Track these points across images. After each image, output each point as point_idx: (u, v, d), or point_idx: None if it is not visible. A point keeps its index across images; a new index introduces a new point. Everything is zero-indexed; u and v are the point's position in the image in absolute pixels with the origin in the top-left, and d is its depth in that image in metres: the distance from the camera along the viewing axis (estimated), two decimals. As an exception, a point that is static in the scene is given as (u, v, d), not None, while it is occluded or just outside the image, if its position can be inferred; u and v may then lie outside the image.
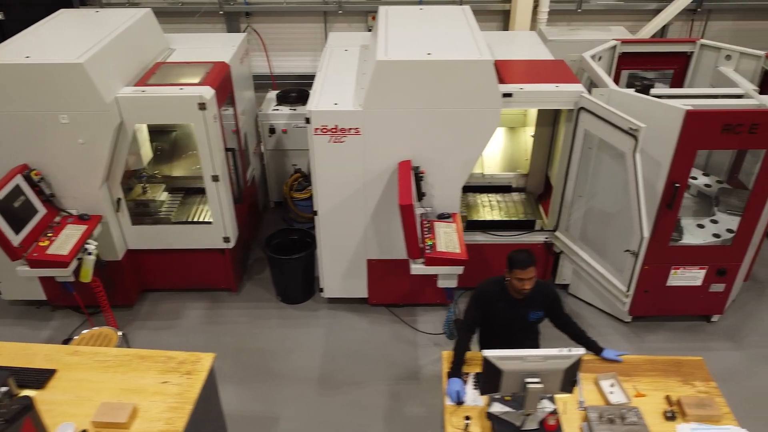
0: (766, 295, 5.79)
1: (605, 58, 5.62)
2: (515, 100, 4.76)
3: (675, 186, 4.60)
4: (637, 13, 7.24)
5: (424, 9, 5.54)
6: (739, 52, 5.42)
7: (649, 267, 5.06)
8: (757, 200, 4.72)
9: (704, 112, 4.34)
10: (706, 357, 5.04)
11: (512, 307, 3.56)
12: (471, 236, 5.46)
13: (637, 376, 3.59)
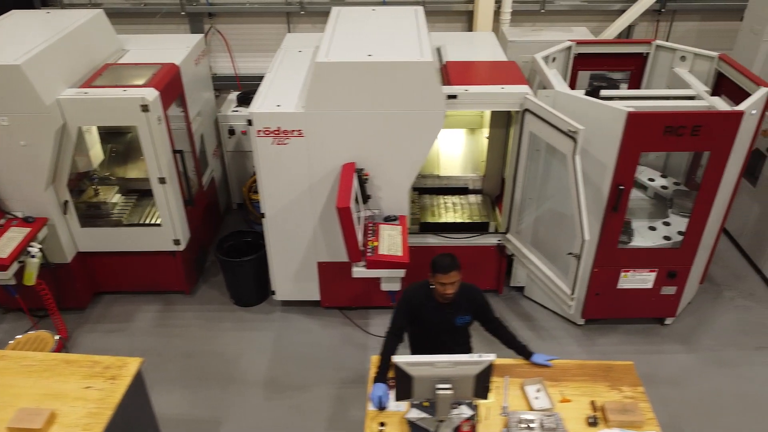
0: (722, 298, 5.76)
1: (560, 60, 5.58)
2: (460, 102, 4.73)
3: (619, 188, 4.57)
4: (601, 14, 7.21)
5: (376, 10, 5.50)
6: (693, 53, 5.38)
7: (599, 270, 5.03)
8: (704, 202, 4.68)
9: (645, 114, 4.31)
10: (658, 360, 5.07)
11: (438, 311, 3.53)
12: (423, 239, 5.44)
13: (566, 381, 3.56)
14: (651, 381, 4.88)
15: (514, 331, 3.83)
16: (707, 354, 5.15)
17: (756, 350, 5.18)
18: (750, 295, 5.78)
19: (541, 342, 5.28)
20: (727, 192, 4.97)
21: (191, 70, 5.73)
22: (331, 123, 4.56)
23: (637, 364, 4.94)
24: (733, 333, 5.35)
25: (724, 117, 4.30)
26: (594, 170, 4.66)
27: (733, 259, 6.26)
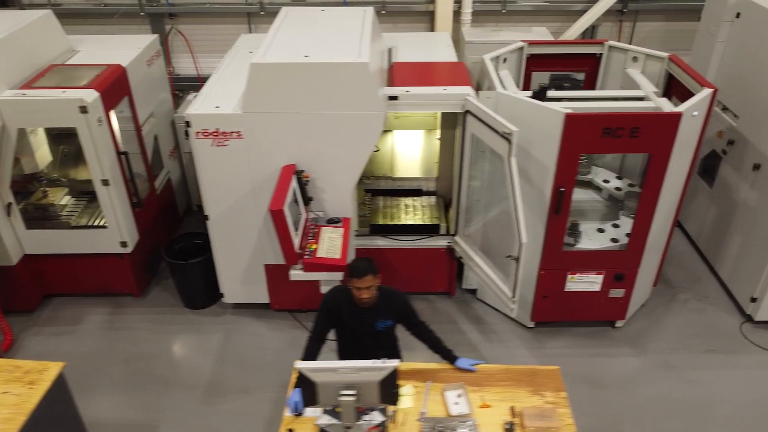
0: (676, 300, 5.71)
1: (512, 60, 5.53)
2: (401, 103, 4.69)
3: (560, 190, 4.52)
4: (564, 14, 7.17)
5: (325, 10, 5.46)
6: (644, 54, 5.34)
7: (545, 272, 4.98)
8: (647, 204, 4.64)
9: (583, 116, 4.27)
10: (606, 363, 5.04)
11: (358, 315, 3.48)
12: (372, 241, 5.40)
13: (489, 386, 3.52)
14: (597, 385, 4.86)
15: (439, 336, 3.78)
16: (655, 357, 5.10)
17: (705, 353, 5.13)
18: (705, 298, 5.73)
19: (489, 345, 5.24)
20: (674, 194, 4.93)
21: (142, 71, 5.68)
22: (269, 124, 4.52)
23: (585, 368, 4.99)
24: (684, 336, 5.30)
25: (662, 118, 4.26)
26: (536, 172, 4.62)
27: (691, 261, 6.21)
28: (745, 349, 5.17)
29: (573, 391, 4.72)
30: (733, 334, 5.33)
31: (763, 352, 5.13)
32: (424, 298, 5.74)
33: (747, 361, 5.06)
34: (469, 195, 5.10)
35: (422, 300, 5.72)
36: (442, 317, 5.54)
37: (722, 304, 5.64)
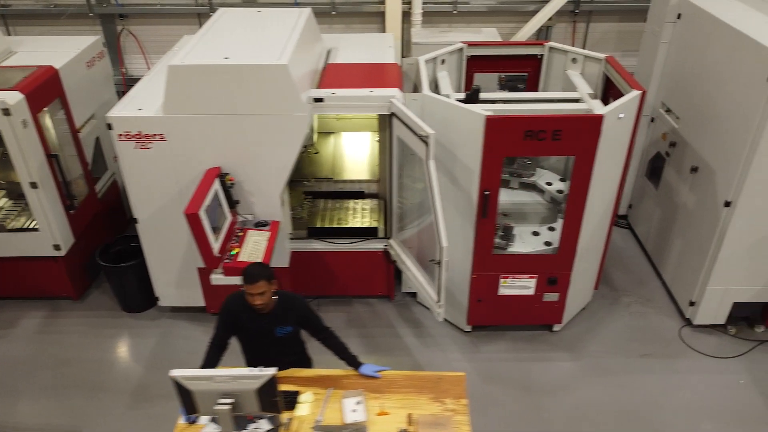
0: (619, 304, 5.66)
1: (452, 62, 5.48)
2: (327, 105, 4.64)
3: (485, 193, 4.47)
4: (518, 15, 7.11)
5: (261, 11, 5.40)
6: (583, 55, 5.29)
7: (477, 276, 4.94)
8: (574, 208, 4.59)
9: (504, 118, 4.22)
10: (540, 368, 4.98)
11: (256, 321, 3.43)
12: (308, 244, 5.36)
13: (390, 393, 3.47)
14: (530, 389, 4.81)
15: (344, 342, 3.73)
16: (591, 362, 5.05)
17: (641, 358, 5.08)
18: (647, 301, 5.68)
19: (424, 349, 5.19)
20: (608, 197, 4.88)
21: (80, 72, 5.63)
22: (191, 127, 4.47)
23: (519, 372, 4.94)
24: (621, 340, 5.25)
25: (584, 121, 4.21)
26: (463, 175, 4.57)
27: (638, 264, 6.16)
28: (682, 353, 5.12)
29: (505, 395, 4.74)
30: (671, 338, 5.28)
31: (700, 357, 5.08)
32: (364, 301, 5.70)
33: (682, 365, 5.01)
34: (402, 198, 5.05)
35: (362, 303, 5.68)
36: (380, 321, 5.50)
37: (664, 308, 5.59)
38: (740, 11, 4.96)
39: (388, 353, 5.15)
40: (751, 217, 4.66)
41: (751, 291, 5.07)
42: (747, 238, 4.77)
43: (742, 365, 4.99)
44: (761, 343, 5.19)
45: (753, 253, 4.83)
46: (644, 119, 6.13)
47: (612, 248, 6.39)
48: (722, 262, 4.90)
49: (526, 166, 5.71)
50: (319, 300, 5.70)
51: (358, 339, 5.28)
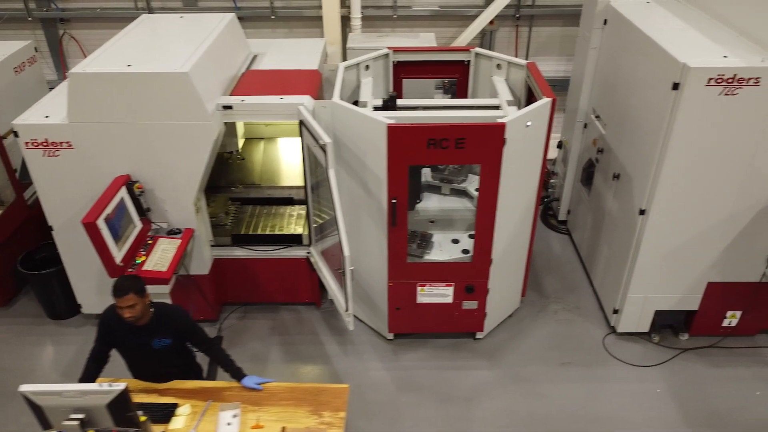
0: (547, 311, 5.63)
1: (378, 68, 5.45)
2: (236, 113, 4.62)
3: (393, 202, 4.44)
4: (461, 19, 7.07)
5: (184, 17, 5.37)
6: (507, 61, 5.26)
7: (394, 284, 4.90)
8: (484, 216, 4.55)
9: (406, 127, 4.18)
10: (458, 376, 4.95)
11: (133, 334, 3.41)
12: (230, 251, 5.33)
13: (269, 406, 3.44)
14: (444, 398, 4.78)
15: (228, 353, 3.70)
16: (509, 370, 5.02)
17: (560, 366, 5.05)
18: (576, 308, 5.64)
19: (344, 358, 5.16)
20: (524, 205, 4.84)
21: (6, 78, 5.60)
22: (97, 135, 4.45)
23: (436, 381, 4.91)
24: (543, 348, 5.22)
25: (486, 129, 4.17)
26: (373, 183, 4.54)
27: (572, 270, 6.13)
28: (603, 362, 5.09)
29: (417, 404, 4.71)
30: (594, 346, 5.24)
31: (620, 365, 5.05)
32: (291, 308, 5.67)
33: (602, 374, 4.97)
34: (319, 205, 5.02)
35: (289, 311, 5.65)
36: (304, 328, 5.47)
37: (591, 316, 5.55)
38: (659, 18, 4.93)
39: (307, 361, 5.13)
40: (664, 225, 4.62)
41: (672, 299, 5.04)
42: (662, 246, 4.74)
43: (661, 374, 4.96)
44: (684, 351, 5.16)
45: (669, 261, 4.80)
46: (578, 125, 6.11)
47: (549, 254, 6.39)
48: (640, 269, 4.88)
49: (456, 172, 5.67)
50: (246, 307, 5.67)
51: (280, 347, 5.25)
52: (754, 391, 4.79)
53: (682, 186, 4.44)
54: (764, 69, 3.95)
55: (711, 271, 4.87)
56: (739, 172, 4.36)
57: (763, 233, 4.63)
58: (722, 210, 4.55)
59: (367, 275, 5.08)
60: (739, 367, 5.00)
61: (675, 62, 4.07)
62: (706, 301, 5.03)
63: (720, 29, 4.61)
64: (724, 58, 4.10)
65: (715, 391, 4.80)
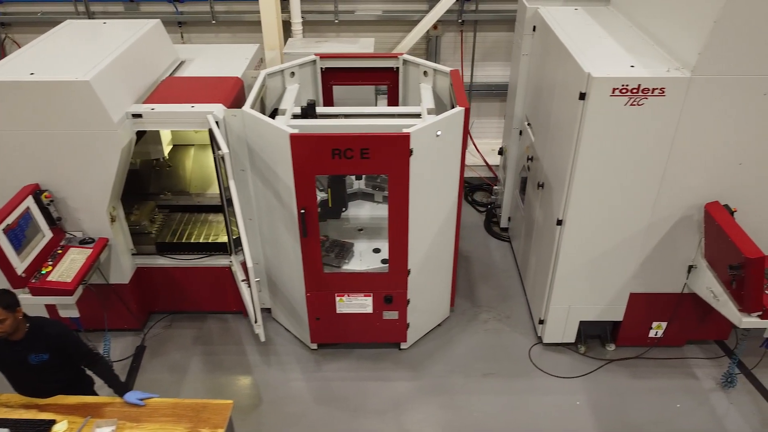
0: (477, 321, 5.57)
1: (305, 74, 5.39)
2: (146, 121, 4.56)
3: (301, 212, 4.38)
4: (405, 24, 7.02)
5: (107, 23, 5.31)
6: (432, 68, 5.20)
7: (311, 294, 4.84)
8: (396, 227, 4.49)
9: (309, 137, 4.12)
10: (377, 387, 4.90)
11: (9, 349, 3.34)
12: (153, 260, 5.27)
13: (148, 422, 3.38)
14: (360, 410, 4.73)
15: (111, 367, 3.64)
16: (431, 381, 4.96)
17: (483, 377, 4.99)
18: (506, 318, 5.59)
19: (266, 368, 5.10)
20: (443, 214, 4.78)
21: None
22: (5, 143, 4.38)
23: (354, 392, 4.86)
24: (468, 359, 5.16)
25: (390, 140, 4.11)
26: (284, 193, 4.48)
27: (509, 279, 6.08)
28: (527, 373, 5.03)
29: (331, 417, 4.66)
30: (520, 356, 5.19)
31: (544, 377, 4.99)
32: (219, 317, 5.61)
33: (523, 386, 4.91)
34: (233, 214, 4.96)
35: (217, 319, 5.59)
36: (230, 337, 5.41)
37: (521, 325, 5.50)
38: (581, 26, 4.87)
39: (227, 372, 5.06)
40: (581, 236, 4.57)
41: (596, 310, 4.98)
42: (580, 256, 4.68)
43: (584, 385, 4.90)
44: (609, 362, 5.10)
45: (589, 272, 4.74)
46: (514, 132, 6.06)
47: (488, 262, 6.33)
48: (560, 280, 4.82)
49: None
50: (174, 316, 5.61)
51: (202, 357, 5.19)
52: (675, 404, 4.73)
53: (596, 197, 4.38)
54: (669, 79, 3.89)
55: (633, 281, 4.81)
56: (652, 183, 4.31)
57: (682, 244, 4.58)
58: (639, 221, 4.49)
59: (289, 285, 5.03)
60: (663, 379, 4.94)
61: (581, 72, 4.01)
62: (630, 312, 4.98)
63: (639, 38, 4.56)
64: (630, 68, 4.04)
65: (635, 403, 4.74)
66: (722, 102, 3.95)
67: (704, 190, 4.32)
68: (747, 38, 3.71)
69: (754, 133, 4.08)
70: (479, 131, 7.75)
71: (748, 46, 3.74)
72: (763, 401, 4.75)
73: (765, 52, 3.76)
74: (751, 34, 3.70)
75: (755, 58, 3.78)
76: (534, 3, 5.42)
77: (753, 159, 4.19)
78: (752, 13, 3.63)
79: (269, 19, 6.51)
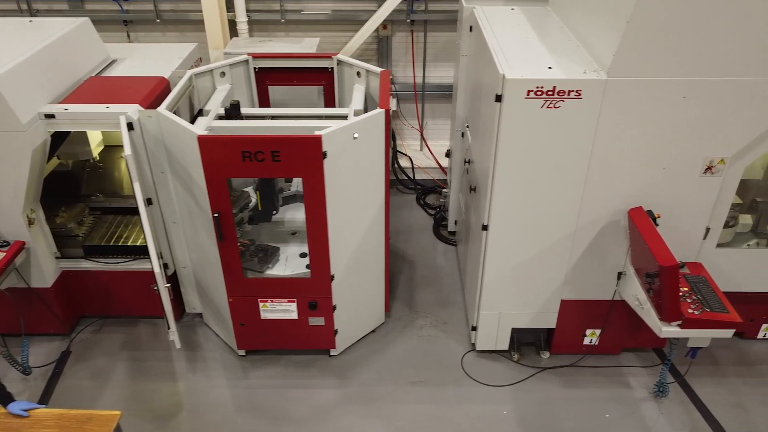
0: (412, 327, 5.45)
1: (238, 74, 5.28)
2: (60, 122, 4.44)
3: (215, 216, 4.27)
4: (355, 24, 6.89)
5: (33, 21, 5.19)
6: (365, 69, 5.09)
7: (234, 299, 4.73)
8: (315, 231, 4.37)
9: (217, 139, 4.01)
10: (303, 395, 4.79)
11: None
12: (77, 263, 5.16)
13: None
14: (281, 419, 4.61)
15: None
16: (358, 389, 4.84)
17: (410, 385, 4.87)
18: (442, 324, 5.47)
19: (191, 375, 4.98)
20: (369, 218, 4.67)
21: None
22: None
23: (278, 400, 4.76)
24: (399, 366, 5.04)
25: (300, 142, 3.99)
26: (200, 196, 4.36)
27: (451, 283, 5.97)
28: (457, 381, 4.91)
29: (252, 425, 4.56)
30: (452, 364, 5.07)
31: (474, 385, 4.87)
32: (150, 322, 5.49)
33: (451, 394, 4.80)
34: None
35: (148, 324, 5.47)
36: (159, 343, 5.29)
37: (457, 332, 5.38)
38: (512, 26, 4.76)
39: (150, 379, 4.95)
40: (504, 241, 4.46)
41: (527, 317, 4.87)
42: (506, 263, 4.57)
43: (513, 394, 4.79)
44: (542, 370, 4.99)
45: (516, 278, 4.63)
46: (457, 134, 5.95)
47: (433, 266, 6.23)
48: (488, 286, 4.71)
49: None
50: (104, 320, 5.50)
51: (128, 363, 5.08)
52: (604, 414, 4.62)
53: (519, 201, 4.27)
54: (585, 81, 3.78)
55: (564, 288, 4.70)
56: (575, 187, 4.19)
57: (611, 250, 4.47)
58: (565, 226, 4.38)
59: (213, 289, 4.92)
60: (594, 388, 4.83)
61: (497, 73, 3.90)
62: (563, 319, 4.87)
63: (567, 40, 4.45)
64: (548, 69, 3.93)
65: (564, 412, 4.63)
66: (640, 105, 3.84)
67: (628, 195, 4.21)
68: (661, 39, 3.60)
69: (676, 137, 3.97)
70: (433, 133, 7.64)
71: (662, 47, 3.63)
72: (695, 411, 4.64)
73: (681, 53, 3.65)
74: (665, 35, 3.59)
75: (671, 59, 3.67)
76: (472, 2, 5.32)
77: (676, 164, 4.09)
78: (665, 13, 3.52)
79: (212, 18, 6.42)
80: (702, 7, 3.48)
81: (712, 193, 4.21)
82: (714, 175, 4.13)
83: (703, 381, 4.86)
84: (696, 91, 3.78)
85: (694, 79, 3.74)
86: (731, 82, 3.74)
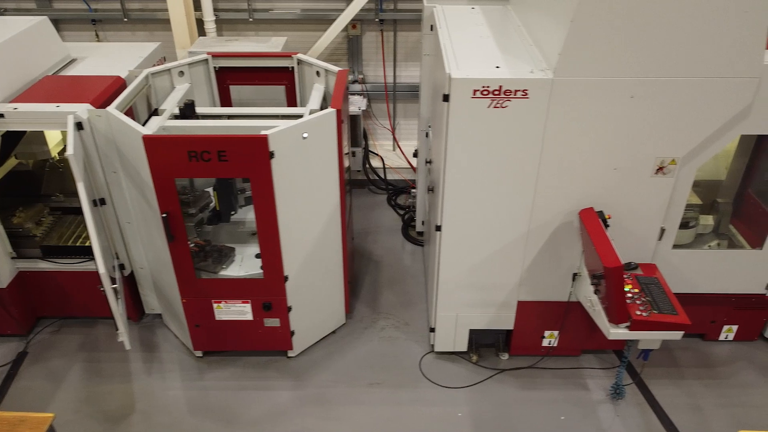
0: (373, 328, 5.42)
1: (198, 74, 5.25)
2: (9, 121, 4.41)
3: (163, 216, 4.23)
4: (324, 23, 6.86)
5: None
6: (324, 68, 5.05)
7: (187, 300, 4.69)
8: (265, 232, 4.33)
9: (162, 138, 3.98)
10: (257, 397, 4.77)
11: None
12: (34, 264, 5.12)
13: (-43, 437, 3.23)
14: (233, 421, 4.57)
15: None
16: (313, 391, 4.80)
17: (367, 387, 4.84)
18: (404, 325, 5.44)
19: (145, 377, 4.94)
20: (324, 219, 4.63)
21: None
22: None
23: (233, 402, 4.72)
24: (357, 368, 5.01)
25: (246, 142, 3.96)
26: (150, 196, 4.32)
27: (416, 284, 5.94)
28: (414, 383, 4.88)
29: (202, 428, 4.50)
30: (411, 365, 5.03)
31: (430, 387, 4.84)
32: (109, 322, 5.44)
33: (407, 396, 4.76)
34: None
35: (107, 325, 5.43)
36: (117, 344, 5.15)
37: (417, 334, 5.35)
38: (469, 26, 4.73)
39: (104, 380, 4.90)
40: (457, 242, 4.42)
41: (484, 318, 4.83)
42: (460, 263, 4.53)
43: (470, 396, 4.75)
44: (500, 372, 4.95)
45: (471, 279, 4.60)
46: (422, 134, 5.92)
47: (399, 267, 6.20)
48: (444, 287, 4.68)
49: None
50: (63, 321, 5.46)
51: (83, 364, 5.04)
52: (559, 416, 4.58)
53: (470, 202, 4.23)
54: (531, 81, 3.75)
55: (520, 289, 4.66)
56: (527, 188, 4.16)
57: (565, 251, 4.43)
58: (518, 227, 4.34)
59: (168, 290, 4.88)
60: (552, 390, 4.79)
61: (444, 72, 3.87)
62: (521, 321, 4.83)
63: (521, 39, 4.41)
64: (495, 68, 3.89)
65: (519, 415, 4.60)
66: (589, 104, 3.81)
67: (580, 196, 4.18)
68: (606, 39, 3.57)
69: (626, 137, 3.94)
70: (406, 132, 7.61)
71: (608, 46, 3.59)
72: (651, 413, 4.60)
73: (626, 53, 3.62)
74: (610, 34, 3.56)
75: (617, 59, 3.64)
76: (434, 2, 5.29)
77: (628, 164, 4.05)
78: (609, 13, 3.49)
79: (178, 17, 6.38)
80: (646, 6, 3.45)
81: (664, 194, 4.18)
82: (666, 176, 4.10)
83: (661, 383, 4.83)
84: (643, 91, 3.75)
85: (641, 78, 3.70)
86: (678, 82, 3.71)
